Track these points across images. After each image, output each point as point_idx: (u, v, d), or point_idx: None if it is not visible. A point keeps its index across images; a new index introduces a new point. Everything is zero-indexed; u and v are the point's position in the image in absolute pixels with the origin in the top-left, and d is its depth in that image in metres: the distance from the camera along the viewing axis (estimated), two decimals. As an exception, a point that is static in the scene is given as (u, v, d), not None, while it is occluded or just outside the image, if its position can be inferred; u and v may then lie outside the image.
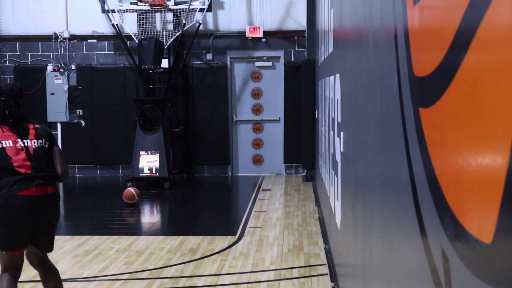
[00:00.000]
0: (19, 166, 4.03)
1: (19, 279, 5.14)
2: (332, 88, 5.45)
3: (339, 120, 4.56)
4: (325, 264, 5.63)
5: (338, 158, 4.65)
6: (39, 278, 5.24)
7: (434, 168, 1.40)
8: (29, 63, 12.18)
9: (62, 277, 4.62)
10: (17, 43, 12.17)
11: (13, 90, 4.20)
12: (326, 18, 6.66)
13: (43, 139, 4.18)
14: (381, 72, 2.34)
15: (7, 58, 12.19)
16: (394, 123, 1.95)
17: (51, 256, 4.32)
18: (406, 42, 1.75)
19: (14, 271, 4.13)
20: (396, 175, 1.96)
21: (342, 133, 4.33)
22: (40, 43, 12.14)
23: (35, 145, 4.13)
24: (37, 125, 4.25)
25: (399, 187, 1.89)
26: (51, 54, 12.08)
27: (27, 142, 4.11)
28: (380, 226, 2.39)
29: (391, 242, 2.12)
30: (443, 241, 1.29)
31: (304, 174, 11.50)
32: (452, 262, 1.24)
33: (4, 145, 4.04)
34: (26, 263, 4.22)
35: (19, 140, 4.09)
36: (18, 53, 12.18)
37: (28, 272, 5.41)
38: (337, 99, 4.76)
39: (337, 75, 4.83)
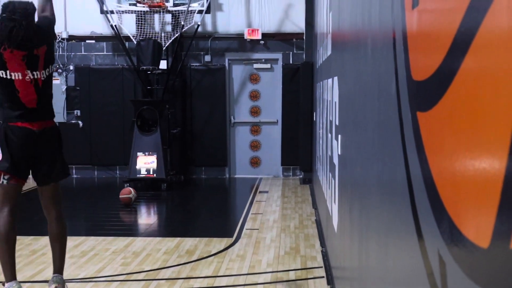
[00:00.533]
0: (26, 101, 4.06)
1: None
2: (330, 91, 5.45)
3: (337, 123, 4.56)
4: (321, 267, 5.63)
5: (336, 160, 4.65)
6: (38, 278, 5.24)
7: (432, 172, 1.40)
8: (27, 63, 12.16)
9: (59, 278, 4.59)
10: (15, 43, 12.15)
11: (27, 10, 4.05)
12: (324, 21, 6.66)
13: (51, 66, 4.17)
14: (379, 75, 2.34)
15: (5, 58, 12.17)
16: (392, 126, 1.95)
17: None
18: (405, 46, 1.75)
19: (10, 205, 4.08)
20: (394, 178, 1.96)
21: (339, 136, 4.33)
22: (38, 43, 12.12)
23: (43, 76, 4.11)
24: (44, 47, 4.12)
25: (396, 190, 1.89)
26: (49, 54, 12.06)
27: (37, 74, 4.06)
28: (377, 229, 2.39)
29: (387, 245, 2.12)
30: (440, 245, 1.29)
31: (301, 176, 11.50)
32: (449, 266, 1.24)
33: (13, 77, 4.01)
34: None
35: (28, 72, 4.03)
36: (16, 53, 12.16)
37: (25, 272, 5.40)
38: (335, 102, 4.76)
39: (335, 78, 4.83)
